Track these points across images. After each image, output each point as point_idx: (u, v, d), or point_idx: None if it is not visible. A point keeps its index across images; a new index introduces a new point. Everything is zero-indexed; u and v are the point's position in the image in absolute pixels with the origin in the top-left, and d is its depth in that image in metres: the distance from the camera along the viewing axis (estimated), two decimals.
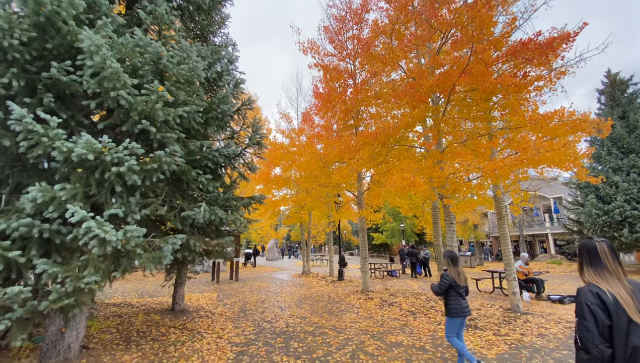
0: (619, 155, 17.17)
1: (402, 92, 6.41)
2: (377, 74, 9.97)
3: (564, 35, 6.63)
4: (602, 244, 1.86)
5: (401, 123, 7.44)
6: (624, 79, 18.49)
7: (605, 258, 1.81)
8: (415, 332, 6.10)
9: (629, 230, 15.68)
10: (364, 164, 8.52)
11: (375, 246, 43.71)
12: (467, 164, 6.24)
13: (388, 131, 7.45)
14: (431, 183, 6.95)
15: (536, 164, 5.56)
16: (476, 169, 6.35)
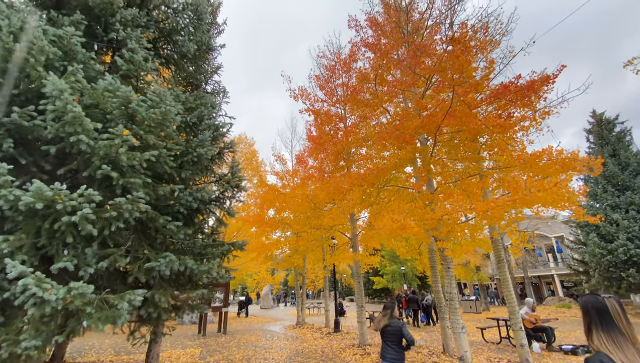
0: (615, 192, 17.07)
1: (387, 134, 6.39)
2: (366, 117, 10.16)
3: (544, 77, 6.79)
4: (613, 301, 1.60)
5: (389, 164, 7.34)
6: (609, 119, 19.03)
7: (619, 318, 1.55)
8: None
9: (636, 270, 15.04)
10: (354, 205, 8.29)
11: (377, 290, 41.82)
12: (458, 205, 6.01)
13: (377, 172, 7.33)
14: (423, 225, 6.66)
15: (529, 204, 5.34)
16: (468, 210, 6.11)
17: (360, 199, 8.27)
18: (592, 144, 19.60)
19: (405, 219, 6.19)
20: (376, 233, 8.75)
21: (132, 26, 4.20)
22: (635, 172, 16.82)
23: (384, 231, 5.97)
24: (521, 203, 5.36)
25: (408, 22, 9.40)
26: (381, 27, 9.53)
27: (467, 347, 6.97)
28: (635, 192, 16.25)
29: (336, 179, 7.82)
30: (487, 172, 6.96)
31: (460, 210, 5.96)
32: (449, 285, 7.46)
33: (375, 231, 6.34)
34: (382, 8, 10.40)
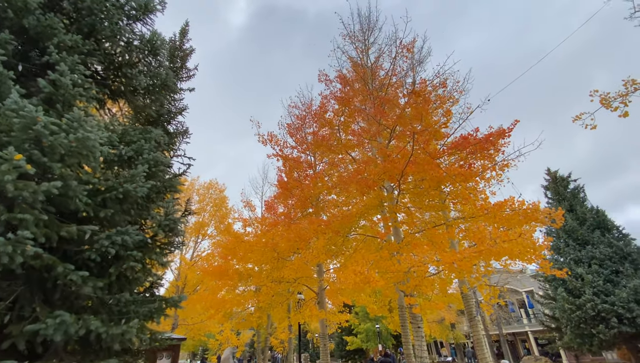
0: (577, 247, 17.57)
1: (349, 179, 6.18)
2: (334, 165, 10.08)
3: (500, 131, 7.06)
4: None
5: (355, 211, 7.02)
6: (563, 176, 20.36)
7: None
8: None
9: (605, 326, 14.86)
10: (319, 255, 7.71)
11: (350, 352, 38.71)
12: (424, 256, 5.64)
13: (342, 218, 6.96)
14: (389, 278, 6.16)
15: (495, 256, 5.07)
16: (435, 262, 5.74)
17: (325, 249, 7.73)
18: (550, 200, 20.63)
19: (370, 272, 5.70)
20: (342, 287, 8.09)
21: (70, 52, 3.88)
22: (593, 227, 17.58)
23: (346, 284, 5.39)
24: (487, 254, 5.08)
25: (374, 78, 9.89)
26: (349, 83, 9.94)
27: None
28: (594, 246, 16.79)
29: (298, 226, 7.33)
30: (452, 222, 6.79)
31: (427, 262, 5.58)
32: (419, 347, 6.76)
33: (337, 285, 5.75)
34: (351, 65, 10.99)
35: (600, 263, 16.26)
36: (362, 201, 6.96)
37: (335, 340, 43.74)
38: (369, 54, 10.72)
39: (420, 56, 10.60)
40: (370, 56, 10.66)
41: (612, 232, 17.44)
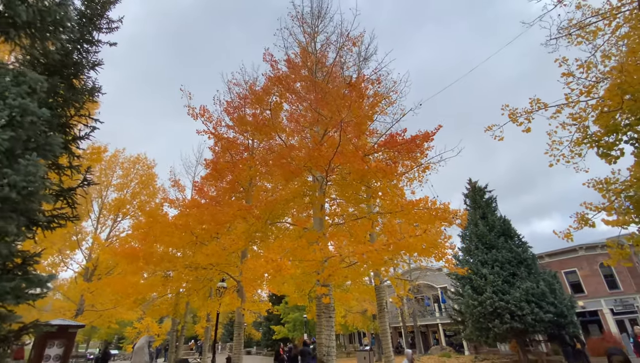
0: (484, 250, 19.76)
1: (273, 161, 5.92)
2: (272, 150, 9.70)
3: (425, 134, 7.38)
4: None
5: (280, 197, 6.75)
6: (481, 187, 22.75)
7: None
8: None
9: (499, 321, 16.98)
10: (238, 241, 7.32)
11: (277, 340, 38.81)
12: (339, 246, 5.65)
13: (265, 204, 6.65)
14: (304, 267, 6.07)
15: (403, 249, 5.26)
16: (349, 253, 5.78)
17: (246, 235, 7.38)
18: (468, 207, 22.90)
19: (283, 260, 5.49)
20: (250, 276, 7.81)
21: None
22: (499, 233, 19.93)
23: (254, 272, 5.14)
24: (396, 248, 5.24)
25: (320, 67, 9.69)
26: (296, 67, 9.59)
27: None
28: (499, 251, 19.05)
29: (215, 209, 6.86)
30: (372, 216, 6.93)
31: (341, 252, 5.58)
32: (327, 337, 6.83)
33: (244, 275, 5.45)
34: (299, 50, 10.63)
35: (501, 266, 18.49)
36: (287, 188, 6.75)
37: (263, 330, 43.59)
38: (317, 41, 10.50)
39: (366, 54, 10.71)
40: (317, 44, 10.45)
41: (514, 239, 19.97)
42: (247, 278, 7.38)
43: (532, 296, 16.69)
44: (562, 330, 16.52)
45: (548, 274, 19.26)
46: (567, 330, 16.56)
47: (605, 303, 22.57)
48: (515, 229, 20.52)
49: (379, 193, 6.57)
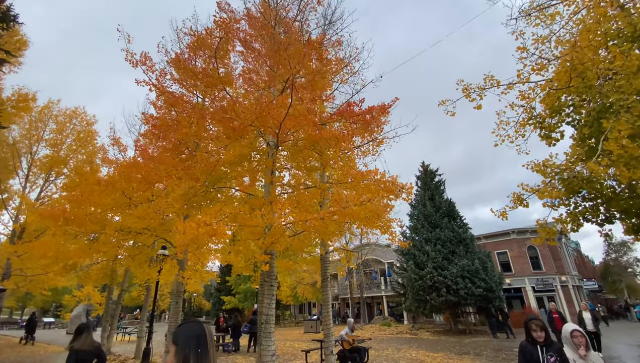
0: (429, 228, 20.91)
1: (212, 115, 5.33)
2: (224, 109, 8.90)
3: (382, 106, 7.16)
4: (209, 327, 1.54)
5: (224, 159, 6.18)
6: (432, 170, 23.76)
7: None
8: None
9: (437, 294, 18.35)
10: (173, 204, 6.70)
11: (227, 311, 38.80)
12: (283, 212, 5.34)
13: (205, 165, 6.05)
14: (245, 234, 5.71)
15: (347, 217, 5.09)
16: (293, 220, 5.51)
17: (184, 198, 6.76)
18: (419, 188, 23.91)
19: (219, 224, 5.07)
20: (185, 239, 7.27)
21: None
22: (444, 214, 21.15)
23: (185, 237, 4.66)
24: (340, 216, 5.07)
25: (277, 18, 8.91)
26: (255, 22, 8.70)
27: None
28: (442, 230, 20.26)
29: (147, 166, 6.14)
30: (322, 185, 6.68)
31: (284, 219, 5.28)
32: (267, 305, 6.65)
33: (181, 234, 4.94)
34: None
35: (442, 244, 19.75)
36: (232, 149, 6.21)
37: (213, 300, 43.25)
38: None
39: (332, 17, 10.07)
40: None
41: (457, 221, 21.34)
42: (179, 243, 6.82)
43: (467, 273, 18.14)
44: (490, 303, 18.30)
45: (483, 253, 21.02)
46: (493, 304, 18.37)
47: (529, 282, 25.45)
48: (459, 211, 21.91)
49: (330, 162, 6.30)
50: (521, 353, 3.33)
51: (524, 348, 3.33)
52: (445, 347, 13.96)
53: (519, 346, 3.41)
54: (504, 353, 11.86)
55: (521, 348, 3.35)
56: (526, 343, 3.32)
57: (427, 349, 13.29)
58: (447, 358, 10.89)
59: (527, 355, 3.23)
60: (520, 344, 3.40)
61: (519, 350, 3.37)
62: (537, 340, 3.21)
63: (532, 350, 3.22)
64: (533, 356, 3.18)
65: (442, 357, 11.29)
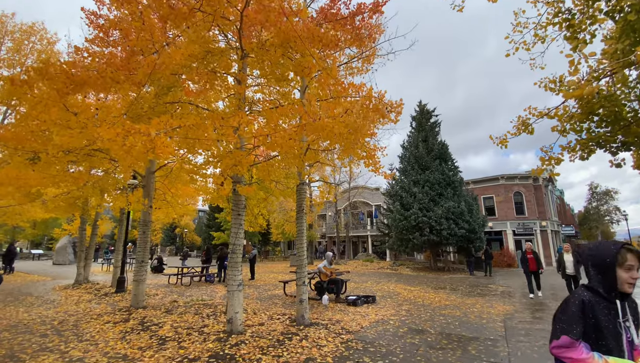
0: (419, 170, 20.39)
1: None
2: None
3: (375, 3, 5.81)
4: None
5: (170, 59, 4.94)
6: (429, 110, 22.44)
7: None
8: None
9: (419, 234, 18.52)
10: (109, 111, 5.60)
11: (216, 246, 39.80)
12: (244, 128, 4.36)
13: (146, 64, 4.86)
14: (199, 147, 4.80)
15: (318, 131, 4.18)
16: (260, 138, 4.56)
17: (131, 112, 5.68)
18: (413, 129, 22.83)
19: (161, 136, 4.11)
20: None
21: None
22: (435, 156, 20.47)
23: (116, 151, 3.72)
24: (310, 129, 4.15)
25: None
26: None
27: (239, 308, 5.83)
28: (432, 172, 19.76)
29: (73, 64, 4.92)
30: (295, 100, 5.61)
31: (241, 134, 4.33)
32: (235, 235, 6.06)
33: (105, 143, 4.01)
34: None
35: (431, 186, 19.41)
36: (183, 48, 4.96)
37: (203, 236, 44.29)
38: None
39: None
40: None
41: (448, 163, 20.76)
42: (119, 159, 5.84)
43: (452, 214, 18.10)
44: (471, 244, 18.64)
45: (470, 196, 20.90)
46: (474, 244, 18.73)
47: (510, 225, 26.05)
48: (451, 154, 21.22)
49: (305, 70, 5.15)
50: (581, 311, 1.63)
51: (590, 303, 1.64)
52: (423, 281, 14.33)
53: (575, 298, 1.68)
54: (479, 289, 12.14)
55: (583, 304, 1.64)
56: (593, 298, 1.66)
57: (405, 283, 13.60)
58: (423, 292, 11.06)
59: (601, 315, 1.62)
60: (580, 296, 1.68)
61: (576, 306, 1.65)
62: (625, 290, 1.63)
63: (606, 309, 1.64)
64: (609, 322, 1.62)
65: (418, 290, 11.48)
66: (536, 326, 6.56)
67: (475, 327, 6.39)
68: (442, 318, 7.18)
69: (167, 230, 56.05)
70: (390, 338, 5.57)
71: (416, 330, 6.12)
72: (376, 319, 7.00)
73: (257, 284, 13.41)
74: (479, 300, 9.56)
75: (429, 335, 5.79)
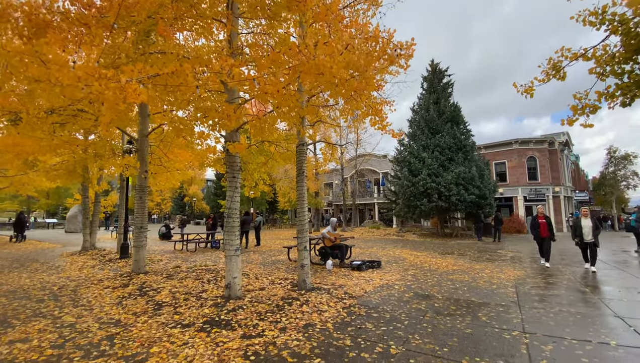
0: (429, 135, 19.53)
1: None
2: None
3: None
4: None
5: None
6: (442, 69, 21.04)
7: None
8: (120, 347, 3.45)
9: (427, 200, 18.09)
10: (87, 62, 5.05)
11: (222, 214, 40.12)
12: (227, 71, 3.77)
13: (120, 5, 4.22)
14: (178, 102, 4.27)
15: (313, 73, 3.57)
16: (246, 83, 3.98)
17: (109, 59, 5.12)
18: (424, 91, 21.60)
19: (132, 83, 3.61)
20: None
21: None
22: (447, 119, 19.47)
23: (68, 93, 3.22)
24: (305, 71, 3.54)
25: None
26: None
27: (237, 273, 5.58)
28: (443, 136, 18.90)
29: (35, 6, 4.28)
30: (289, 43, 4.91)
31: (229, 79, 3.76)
32: (230, 198, 5.68)
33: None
34: None
35: (441, 151, 18.64)
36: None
37: (210, 204, 44.79)
38: None
39: None
40: None
41: (460, 126, 19.78)
42: (103, 118, 5.41)
43: (462, 180, 17.49)
44: (480, 209, 18.18)
45: (481, 161, 20.12)
46: (484, 210, 18.27)
47: (522, 191, 25.37)
48: (464, 116, 20.15)
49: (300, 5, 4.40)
50: None
51: None
52: (429, 247, 14.12)
53: None
54: (488, 254, 11.86)
55: None
56: None
57: (411, 249, 13.40)
58: (429, 257, 10.82)
59: None
60: None
61: None
62: None
63: None
64: None
65: (425, 255, 11.25)
66: (550, 292, 6.23)
67: (485, 293, 6.08)
68: (450, 283, 6.90)
69: (177, 199, 56.97)
70: (395, 304, 5.31)
71: (422, 296, 5.85)
72: (381, 284, 6.75)
73: (262, 250, 13.39)
74: (488, 265, 9.26)
75: (436, 301, 5.51)
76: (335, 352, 3.47)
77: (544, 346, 3.65)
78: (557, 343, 3.75)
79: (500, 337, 3.92)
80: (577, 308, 5.11)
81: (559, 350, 3.55)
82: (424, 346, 3.62)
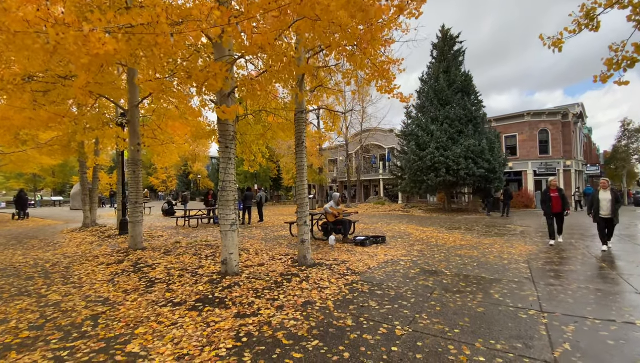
0: (438, 106, 18.65)
1: None
2: None
3: None
4: None
5: None
6: (453, 35, 19.76)
7: None
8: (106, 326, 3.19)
9: (434, 174, 17.54)
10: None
11: None
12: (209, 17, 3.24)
13: None
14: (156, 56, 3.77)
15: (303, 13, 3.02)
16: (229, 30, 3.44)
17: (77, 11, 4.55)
18: (433, 59, 20.45)
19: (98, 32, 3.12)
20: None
21: None
22: (457, 90, 18.51)
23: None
24: (297, 12, 2.99)
25: None
26: None
27: (234, 248, 5.27)
28: (452, 107, 18.03)
29: None
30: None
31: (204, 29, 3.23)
32: (223, 170, 5.28)
33: None
34: None
35: (450, 123, 17.86)
36: None
37: (215, 181, 44.75)
38: None
39: None
40: None
41: (471, 97, 18.83)
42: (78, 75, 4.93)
43: (471, 153, 16.85)
44: (489, 184, 17.64)
45: (492, 133, 19.32)
46: (493, 184, 17.73)
47: (532, 165, 24.60)
48: (475, 86, 19.14)
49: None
50: None
51: None
52: (435, 222, 13.79)
53: None
54: (497, 228, 11.49)
55: None
56: None
57: (417, 224, 13.08)
58: (436, 232, 10.49)
59: None
60: None
61: None
62: None
63: None
64: None
65: (431, 230, 10.93)
66: (565, 267, 5.86)
67: (496, 268, 5.74)
68: (458, 258, 6.56)
69: (181, 176, 57.07)
70: (400, 280, 4.99)
71: (429, 272, 5.53)
72: (385, 259, 6.45)
73: (265, 225, 13.18)
74: (497, 240, 8.91)
75: (444, 277, 5.18)
76: (334, 333, 3.17)
77: (565, 326, 3.30)
78: (578, 323, 3.40)
79: (516, 316, 3.58)
80: (596, 285, 4.74)
81: (582, 331, 3.21)
82: (432, 326, 3.30)
